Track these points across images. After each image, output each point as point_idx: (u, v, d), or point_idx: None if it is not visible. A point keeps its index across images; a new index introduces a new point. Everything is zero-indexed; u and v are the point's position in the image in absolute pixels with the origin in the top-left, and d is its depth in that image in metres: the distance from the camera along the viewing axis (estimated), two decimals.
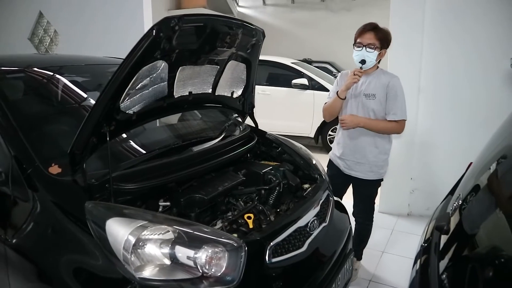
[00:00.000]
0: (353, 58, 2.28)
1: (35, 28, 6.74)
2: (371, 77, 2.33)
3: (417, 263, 1.48)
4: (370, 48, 2.21)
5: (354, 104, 2.36)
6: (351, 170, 2.43)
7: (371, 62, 2.25)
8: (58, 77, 2.12)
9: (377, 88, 2.29)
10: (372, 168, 2.39)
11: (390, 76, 2.32)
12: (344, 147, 2.43)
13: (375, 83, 2.31)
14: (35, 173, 1.48)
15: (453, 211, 1.50)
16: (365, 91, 2.32)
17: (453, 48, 3.33)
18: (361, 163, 2.39)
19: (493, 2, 3.14)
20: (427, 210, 3.56)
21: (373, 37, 2.22)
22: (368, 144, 2.36)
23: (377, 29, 2.24)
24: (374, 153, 2.37)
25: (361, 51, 2.22)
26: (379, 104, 2.29)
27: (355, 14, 11.12)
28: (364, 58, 2.23)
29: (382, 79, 2.31)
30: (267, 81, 6.60)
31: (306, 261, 1.63)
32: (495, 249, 1.15)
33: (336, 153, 2.51)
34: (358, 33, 2.28)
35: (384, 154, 2.41)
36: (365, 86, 2.33)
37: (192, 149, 1.92)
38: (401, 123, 2.31)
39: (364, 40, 2.22)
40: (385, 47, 2.28)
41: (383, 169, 2.44)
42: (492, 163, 1.51)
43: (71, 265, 1.36)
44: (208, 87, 1.97)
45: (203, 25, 1.60)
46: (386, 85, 2.28)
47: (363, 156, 2.37)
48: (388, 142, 2.42)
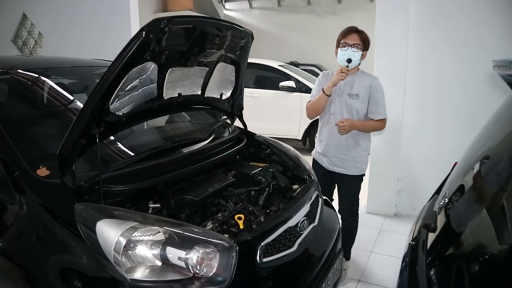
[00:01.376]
0: (338, 58, 2.40)
1: (18, 30, 6.62)
2: (353, 77, 2.45)
3: (405, 261, 1.50)
4: (356, 47, 2.34)
5: (338, 103, 2.47)
6: (334, 166, 2.53)
7: (356, 62, 2.38)
8: (45, 79, 2.10)
9: (360, 89, 2.43)
10: (355, 164, 2.50)
11: (371, 78, 2.48)
12: (327, 144, 2.54)
13: (358, 83, 2.44)
14: (23, 176, 1.46)
15: (440, 210, 1.53)
16: (349, 91, 2.44)
17: (438, 50, 3.40)
18: (343, 159, 2.50)
19: (477, 5, 3.22)
20: (413, 210, 3.61)
21: (358, 38, 2.36)
22: (351, 141, 2.48)
23: (360, 32, 2.39)
24: (357, 150, 2.49)
25: (347, 50, 2.35)
26: (362, 103, 2.43)
27: (341, 17, 11.26)
28: (350, 57, 2.35)
29: (365, 80, 2.45)
30: (255, 84, 6.62)
31: (297, 261, 1.64)
32: (480, 246, 1.18)
33: (319, 150, 2.61)
34: (342, 34, 2.41)
35: (365, 151, 2.55)
36: (348, 86, 2.45)
37: (182, 151, 1.92)
38: (384, 121, 2.48)
39: (350, 40, 2.35)
40: (366, 49, 2.43)
41: (365, 165, 2.57)
42: (476, 163, 1.55)
43: (60, 269, 1.34)
44: (197, 88, 1.97)
45: (192, 26, 1.61)
46: (369, 86, 2.42)
47: (346, 153, 2.49)
48: (368, 140, 2.57)
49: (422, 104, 3.53)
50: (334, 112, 2.48)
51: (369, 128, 2.49)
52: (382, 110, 2.44)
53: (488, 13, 3.19)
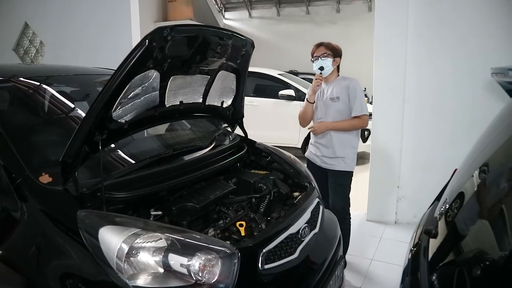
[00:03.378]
0: (313, 70, 2.71)
1: (20, 38, 6.67)
2: (333, 83, 2.73)
3: (407, 267, 1.50)
4: (324, 56, 2.66)
5: (323, 108, 2.75)
6: (326, 164, 2.76)
7: (328, 68, 2.68)
8: (47, 87, 2.11)
9: (340, 91, 2.68)
10: (345, 160, 2.71)
11: (349, 80, 2.72)
12: (318, 146, 2.80)
13: (337, 87, 2.70)
14: (25, 183, 1.46)
15: (440, 216, 1.53)
16: (330, 95, 2.71)
17: (436, 58, 3.43)
18: (333, 157, 2.72)
19: (476, 14, 3.26)
20: (414, 217, 3.61)
21: (324, 49, 2.69)
22: (336, 142, 2.70)
23: (325, 44, 2.72)
24: (343, 148, 2.70)
25: (318, 61, 2.68)
26: (343, 104, 2.68)
27: (339, 26, 11.34)
28: (322, 65, 2.67)
29: (342, 83, 2.70)
30: (254, 92, 6.65)
31: (298, 268, 1.64)
32: (481, 252, 1.18)
33: (312, 151, 2.87)
34: (312, 51, 2.75)
35: (352, 148, 2.75)
36: (329, 92, 2.72)
37: (183, 158, 1.93)
38: (363, 117, 2.67)
39: (318, 52, 2.70)
40: (338, 56, 2.73)
41: (353, 162, 2.76)
42: (476, 169, 1.56)
43: (62, 276, 1.33)
44: (199, 96, 1.98)
45: (194, 35, 1.63)
46: (347, 87, 2.67)
47: (333, 152, 2.71)
48: (354, 137, 2.77)
49: (421, 112, 3.55)
50: (320, 116, 2.77)
51: (345, 126, 2.68)
52: (358, 108, 2.63)
53: (486, 22, 3.23)
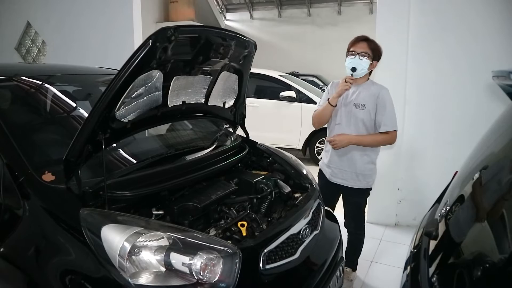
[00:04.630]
0: (345, 67, 2.33)
1: (22, 38, 6.69)
2: (361, 87, 2.37)
3: (407, 268, 1.51)
4: (363, 56, 2.28)
5: (344, 113, 2.38)
6: (337, 178, 2.45)
7: (362, 71, 2.31)
8: (50, 86, 2.12)
9: (367, 98, 2.33)
10: (358, 176, 2.41)
11: (379, 88, 2.36)
12: (332, 154, 2.45)
13: (364, 93, 2.34)
14: (28, 181, 1.47)
15: (441, 218, 1.54)
16: (355, 100, 2.35)
17: (438, 59, 3.44)
18: (346, 171, 2.41)
19: (478, 14, 3.26)
20: (414, 220, 3.62)
21: (366, 47, 2.29)
22: (356, 153, 2.38)
23: (370, 40, 2.32)
24: (362, 162, 2.39)
25: (354, 58, 2.28)
26: (368, 114, 2.32)
27: (341, 28, 11.39)
28: (355, 66, 2.28)
29: (372, 90, 2.35)
30: (255, 93, 6.66)
31: (299, 268, 1.65)
32: (481, 254, 1.19)
33: (324, 161, 2.54)
34: (351, 43, 2.34)
35: (371, 164, 2.44)
36: (355, 96, 2.36)
37: (185, 158, 1.93)
38: (392, 134, 2.33)
39: (358, 48, 2.29)
40: (376, 59, 2.34)
41: (370, 178, 2.46)
42: (476, 172, 1.56)
43: (64, 274, 1.34)
44: (201, 97, 1.99)
45: (198, 36, 1.64)
46: (376, 96, 2.32)
47: (349, 165, 2.40)
48: (375, 152, 2.45)
49: (422, 114, 3.56)
50: (339, 122, 2.40)
51: (370, 143, 2.35)
52: (389, 122, 2.30)
53: (488, 25, 3.24)
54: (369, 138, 2.34)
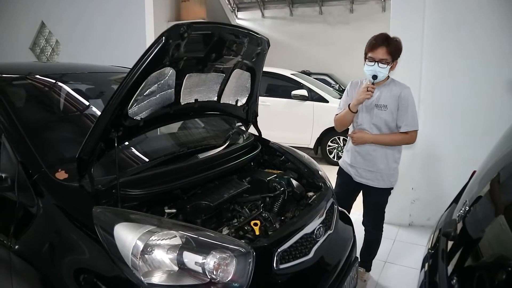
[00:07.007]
0: (365, 72, 2.26)
1: (36, 37, 6.78)
2: (382, 87, 2.31)
3: (424, 267, 1.47)
4: (382, 63, 2.19)
5: (366, 114, 2.34)
6: (362, 178, 2.41)
7: (383, 76, 2.24)
8: (63, 84, 2.13)
9: (389, 99, 2.28)
10: (383, 176, 2.37)
11: (401, 87, 2.30)
12: (355, 155, 2.42)
13: (386, 94, 2.29)
14: (42, 179, 1.48)
15: (460, 218, 1.50)
16: (377, 101, 2.30)
17: (453, 58, 3.37)
18: (372, 171, 2.37)
19: (494, 13, 3.19)
20: (428, 220, 3.57)
21: (385, 52, 2.17)
22: (379, 153, 2.35)
23: (389, 42, 2.19)
24: (385, 162, 2.36)
25: (373, 66, 2.20)
26: (390, 114, 2.28)
27: (353, 27, 11.30)
28: (376, 74, 2.21)
29: (394, 90, 2.29)
30: (267, 92, 6.63)
31: (313, 268, 1.62)
32: (502, 257, 1.15)
33: (346, 160, 2.49)
34: (369, 47, 2.23)
35: (394, 163, 2.39)
36: (376, 97, 2.30)
37: (197, 157, 1.92)
38: (412, 133, 2.30)
39: (376, 55, 2.19)
40: (396, 58, 2.25)
41: (393, 178, 2.42)
42: (496, 171, 1.52)
43: (77, 271, 1.34)
44: (214, 95, 1.98)
45: (210, 33, 1.62)
46: (398, 95, 2.26)
47: (373, 164, 2.36)
48: (398, 151, 2.41)
49: (436, 113, 3.49)
50: (361, 123, 2.36)
51: (389, 142, 2.31)
52: (410, 122, 2.25)
53: (503, 24, 3.16)
54: (388, 138, 2.31)
